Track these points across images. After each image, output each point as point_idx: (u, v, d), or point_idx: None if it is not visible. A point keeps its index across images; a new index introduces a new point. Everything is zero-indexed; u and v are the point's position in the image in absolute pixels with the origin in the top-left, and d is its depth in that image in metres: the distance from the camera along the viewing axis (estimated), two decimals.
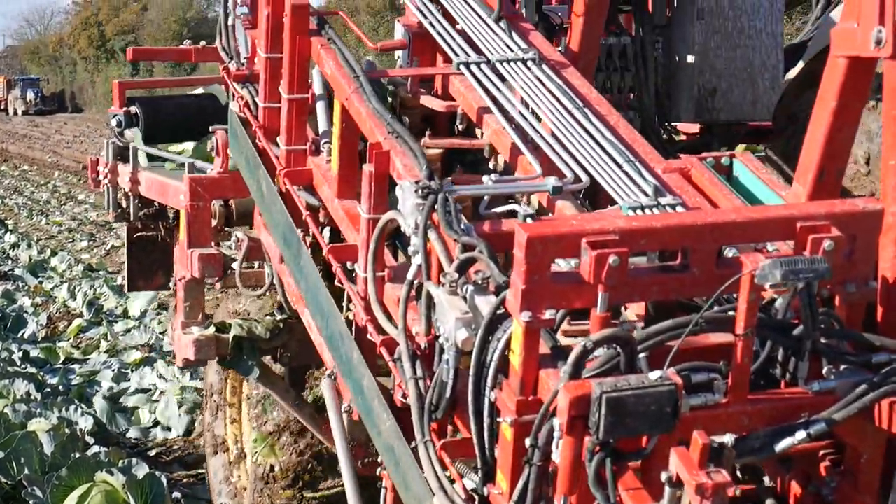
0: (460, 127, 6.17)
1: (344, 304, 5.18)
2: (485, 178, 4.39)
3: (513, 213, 4.30)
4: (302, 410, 6.86)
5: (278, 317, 6.60)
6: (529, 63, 5.07)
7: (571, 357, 3.20)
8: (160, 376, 12.89)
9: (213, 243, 6.58)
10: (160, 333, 15.10)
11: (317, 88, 5.61)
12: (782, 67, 6.76)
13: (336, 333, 4.77)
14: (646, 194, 4.19)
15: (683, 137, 7.12)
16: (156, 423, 11.92)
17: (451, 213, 4.04)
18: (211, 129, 6.62)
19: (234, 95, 6.14)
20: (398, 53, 6.38)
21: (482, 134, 6.31)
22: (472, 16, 5.47)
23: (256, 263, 6.61)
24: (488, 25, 5.38)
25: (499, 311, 3.55)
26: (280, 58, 5.67)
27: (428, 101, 6.17)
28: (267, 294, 7.03)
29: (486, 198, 4.35)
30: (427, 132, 5.64)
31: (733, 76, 6.71)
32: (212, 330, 6.51)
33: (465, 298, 3.75)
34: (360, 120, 4.85)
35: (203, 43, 10.41)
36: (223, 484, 8.10)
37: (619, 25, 6.85)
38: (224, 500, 8.07)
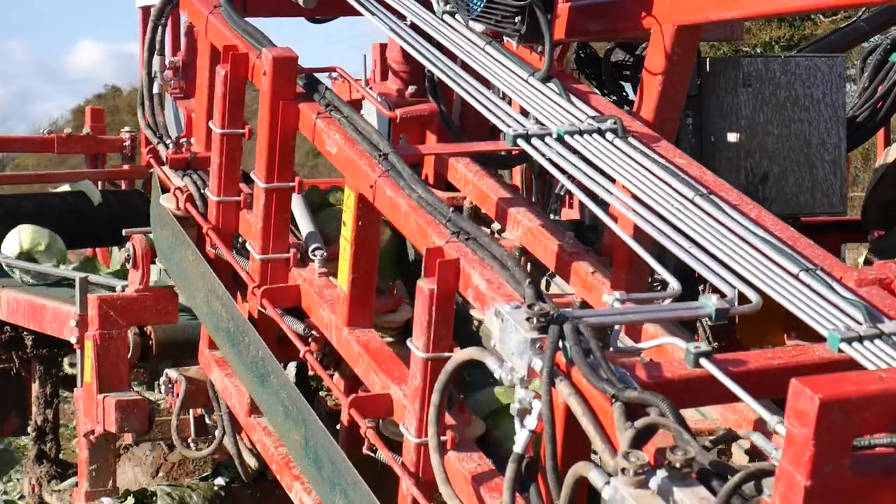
0: None
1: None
2: (606, 297, 3.16)
3: None
4: None
5: (219, 481, 5.22)
6: (608, 134, 3.89)
7: None
8: None
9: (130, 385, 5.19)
10: None
11: None
12: (845, 147, 5.71)
13: None
14: (856, 320, 3.01)
15: None
16: None
17: (594, 353, 2.82)
18: (125, 232, 5.26)
19: (163, 186, 4.82)
20: None
21: (498, 231, 5.14)
22: (506, 74, 4.28)
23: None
24: (533, 87, 4.20)
25: None
26: (240, 134, 4.41)
27: None
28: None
29: (616, 328, 3.11)
30: None
31: (787, 158, 5.64)
32: (130, 501, 5.10)
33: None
34: (394, 216, 3.61)
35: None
36: None
37: None
38: None
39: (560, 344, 2.89)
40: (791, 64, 5.67)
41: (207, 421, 5.14)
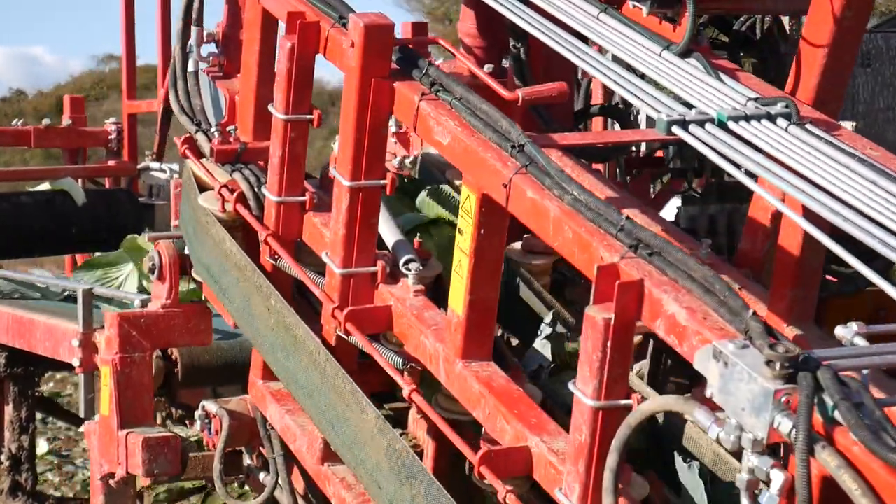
0: None
1: None
2: (840, 330, 2.50)
3: None
4: None
5: None
6: (780, 120, 3.22)
7: None
8: None
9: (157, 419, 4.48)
10: None
11: None
12: None
13: None
14: None
15: None
16: None
17: (872, 410, 2.17)
18: (148, 237, 4.55)
19: (200, 184, 4.12)
20: None
21: None
22: (634, 48, 3.61)
23: None
24: (672, 64, 3.53)
25: None
26: (307, 121, 3.72)
27: None
28: None
29: (865, 373, 2.43)
30: None
31: None
32: None
33: None
34: (539, 223, 2.93)
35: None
36: None
37: None
38: None
39: (820, 398, 2.23)
40: None
41: (247, 461, 4.44)
